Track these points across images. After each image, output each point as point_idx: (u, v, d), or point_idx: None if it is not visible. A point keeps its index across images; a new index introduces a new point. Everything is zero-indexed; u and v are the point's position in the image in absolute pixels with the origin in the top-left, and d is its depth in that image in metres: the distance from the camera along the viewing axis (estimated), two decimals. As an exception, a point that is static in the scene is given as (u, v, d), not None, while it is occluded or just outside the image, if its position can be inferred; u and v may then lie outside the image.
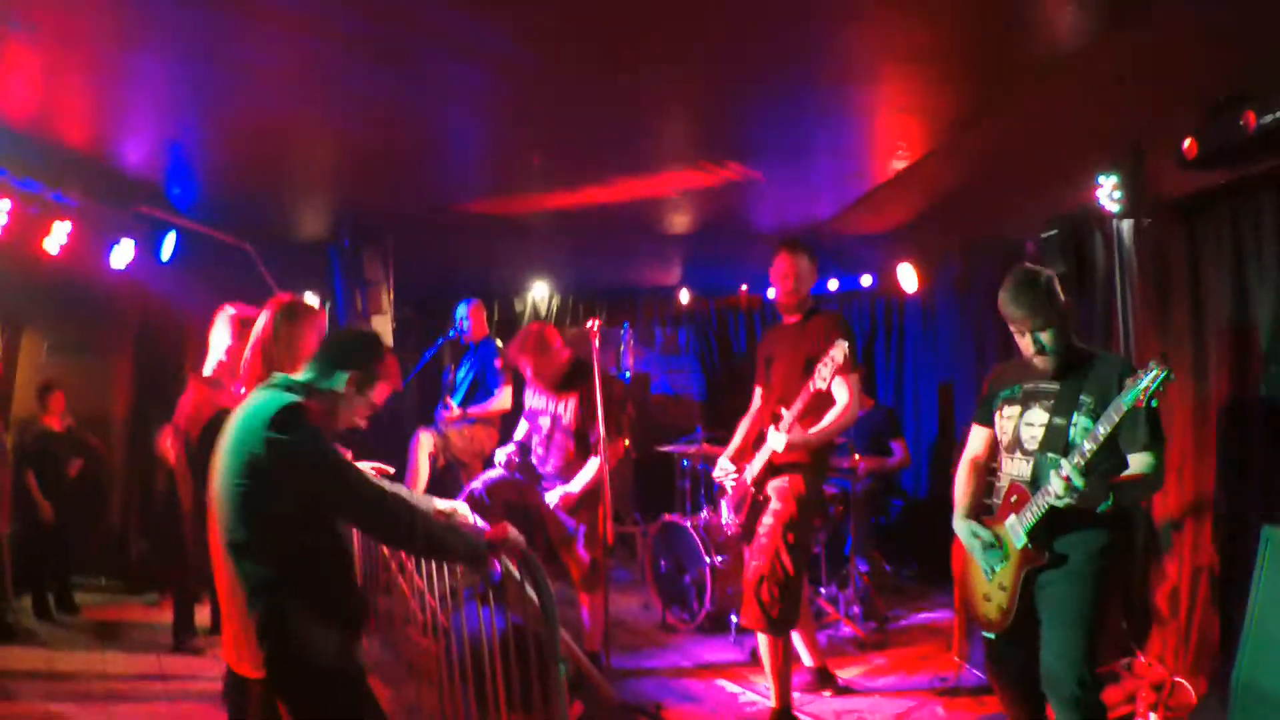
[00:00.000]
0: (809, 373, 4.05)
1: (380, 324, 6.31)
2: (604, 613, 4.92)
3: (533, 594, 3.04)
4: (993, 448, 3.48)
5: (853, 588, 5.99)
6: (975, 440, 3.57)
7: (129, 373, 7.78)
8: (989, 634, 3.37)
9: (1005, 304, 3.16)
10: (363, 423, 2.86)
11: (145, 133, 4.45)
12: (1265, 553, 3.80)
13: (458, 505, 3.52)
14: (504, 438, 5.97)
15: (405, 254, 6.53)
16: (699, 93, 4.08)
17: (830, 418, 4.12)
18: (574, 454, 5.10)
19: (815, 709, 4.63)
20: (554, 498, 4.96)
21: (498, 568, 3.21)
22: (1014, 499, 3.22)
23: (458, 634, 3.88)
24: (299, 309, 3.41)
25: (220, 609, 2.63)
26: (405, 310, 7.96)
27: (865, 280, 8.16)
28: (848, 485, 6.23)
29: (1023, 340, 3.19)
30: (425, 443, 6.37)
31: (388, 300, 6.38)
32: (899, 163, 4.95)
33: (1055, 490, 2.91)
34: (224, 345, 4.14)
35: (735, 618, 5.61)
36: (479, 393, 6.66)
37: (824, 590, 6.11)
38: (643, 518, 8.05)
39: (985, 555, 3.28)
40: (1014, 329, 3.18)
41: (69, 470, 6.68)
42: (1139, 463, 3.04)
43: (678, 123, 4.59)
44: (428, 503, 3.46)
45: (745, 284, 9.34)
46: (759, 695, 4.79)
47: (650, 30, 3.33)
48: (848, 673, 5.10)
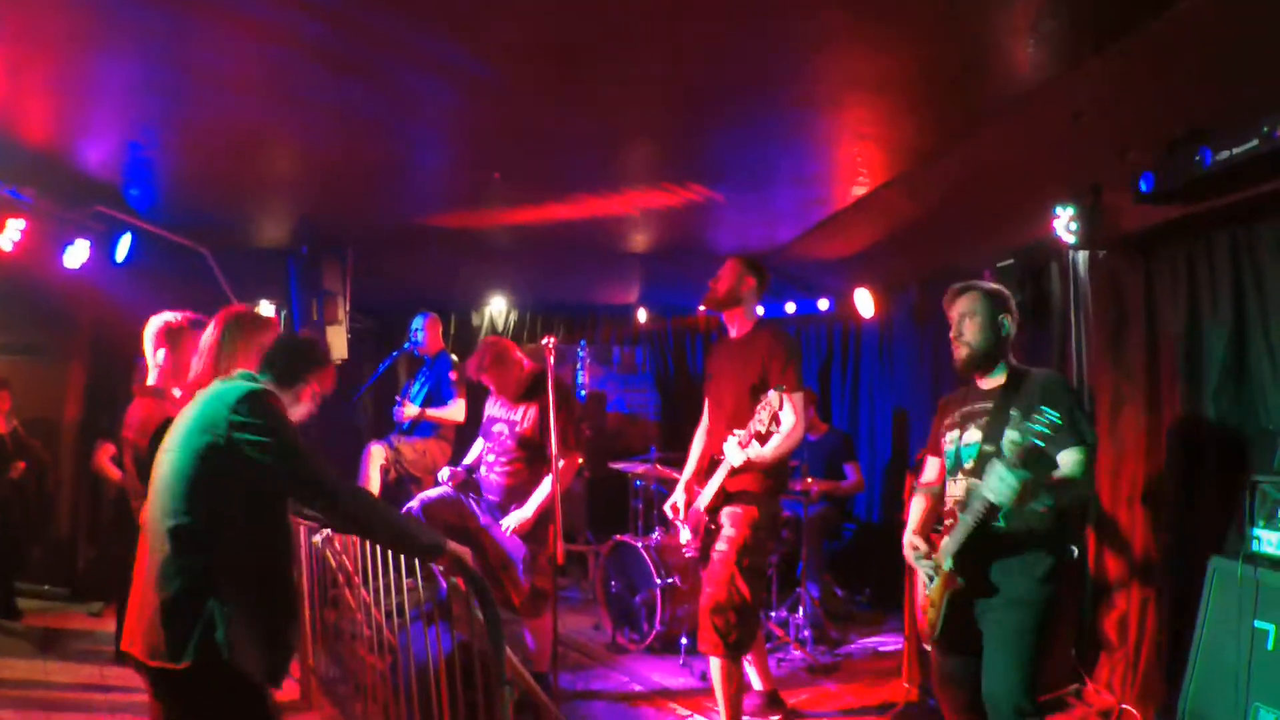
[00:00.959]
0: (754, 398, 4.08)
1: (335, 334, 6.23)
2: (553, 633, 4.86)
3: (479, 613, 3.00)
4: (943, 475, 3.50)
5: (804, 612, 5.98)
6: (929, 470, 3.60)
7: (80, 376, 7.61)
8: (926, 646, 3.45)
9: (949, 296, 3.33)
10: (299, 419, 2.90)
11: (105, 133, 4.36)
12: (1212, 583, 3.87)
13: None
14: (458, 455, 5.91)
15: (364, 265, 6.47)
16: (664, 115, 4.08)
17: (776, 439, 4.11)
18: (524, 468, 5.03)
19: (765, 734, 4.61)
20: (512, 522, 4.89)
21: (444, 584, 3.17)
22: (949, 521, 3.23)
23: (404, 652, 3.83)
24: (247, 320, 3.39)
25: (132, 593, 2.56)
26: (362, 321, 7.87)
27: (823, 304, 8.20)
28: (799, 508, 6.24)
29: (955, 339, 3.30)
30: (377, 455, 6.29)
31: (344, 311, 6.31)
32: (859, 189, 4.99)
33: (991, 488, 2.87)
34: (159, 354, 4.07)
35: (685, 639, 5.58)
36: (433, 405, 6.60)
37: (774, 614, 6.10)
38: (595, 537, 8.00)
39: (922, 564, 3.33)
40: (952, 323, 3.31)
41: (10, 473, 6.51)
42: (1067, 461, 3.03)
43: (641, 143, 4.58)
44: None
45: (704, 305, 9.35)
46: None
47: (617, 53, 3.32)
48: (797, 698, 5.08)
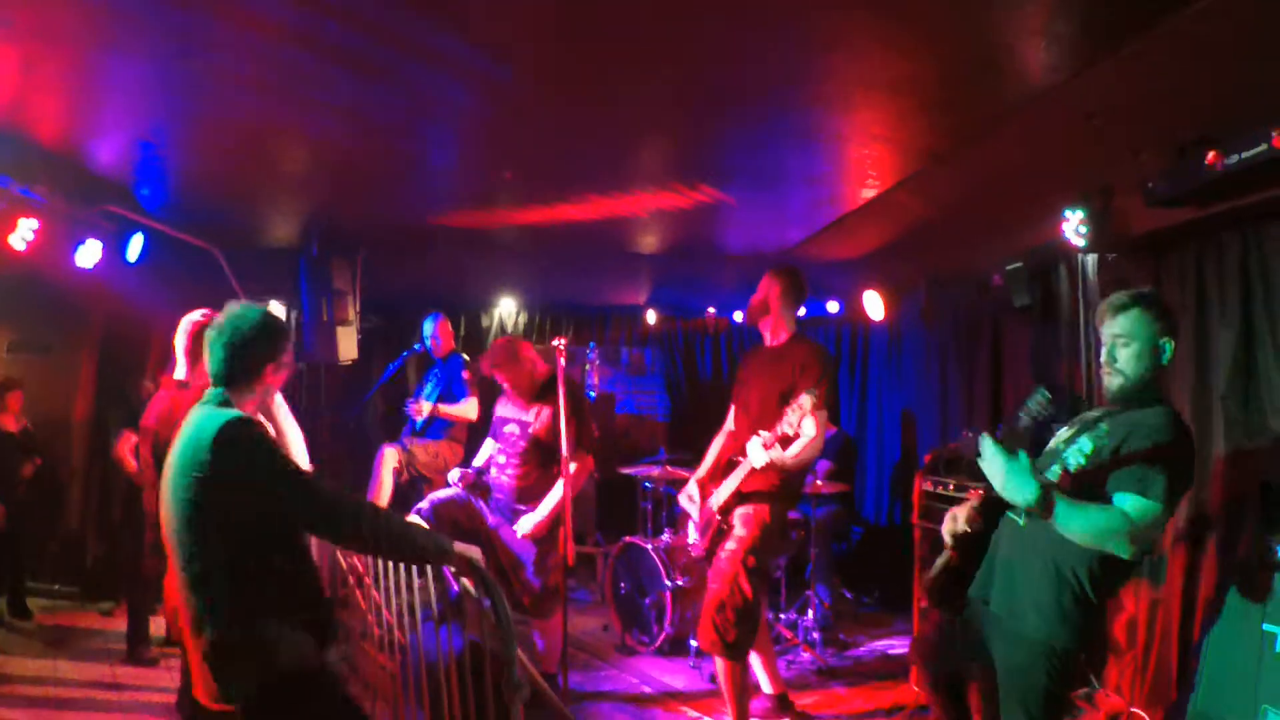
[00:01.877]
0: (783, 405, 4.07)
1: (346, 334, 6.25)
2: (563, 634, 4.87)
3: (490, 613, 3.01)
4: None
5: (812, 614, 5.99)
6: None
7: (91, 375, 7.63)
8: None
9: (1101, 312, 3.00)
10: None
11: (117, 132, 4.38)
12: (1221, 585, 3.86)
13: (413, 518, 3.48)
14: (469, 456, 5.92)
15: (374, 264, 6.48)
16: (674, 116, 4.09)
17: (798, 446, 4.12)
18: (535, 469, 5.02)
19: (773, 735, 4.62)
20: (526, 526, 4.89)
21: (455, 585, 3.17)
22: None
23: (414, 652, 3.84)
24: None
25: (185, 646, 2.58)
26: (371, 321, 7.90)
27: (832, 307, 8.21)
28: (808, 510, 6.24)
29: (1106, 364, 2.96)
30: (390, 458, 6.31)
31: (354, 311, 6.33)
32: (869, 191, 4.99)
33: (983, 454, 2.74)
34: (185, 350, 4.13)
35: (694, 641, 5.59)
36: (446, 404, 6.64)
37: (784, 616, 6.11)
38: (604, 539, 8.02)
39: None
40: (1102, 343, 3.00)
41: (22, 471, 6.54)
42: (1121, 504, 2.69)
43: (652, 145, 4.59)
44: None
45: (713, 306, 9.36)
46: (717, 721, 4.77)
47: (628, 53, 3.33)
48: (807, 701, 5.08)
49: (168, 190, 5.23)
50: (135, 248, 5.34)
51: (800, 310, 4.58)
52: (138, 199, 5.24)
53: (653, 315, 9.32)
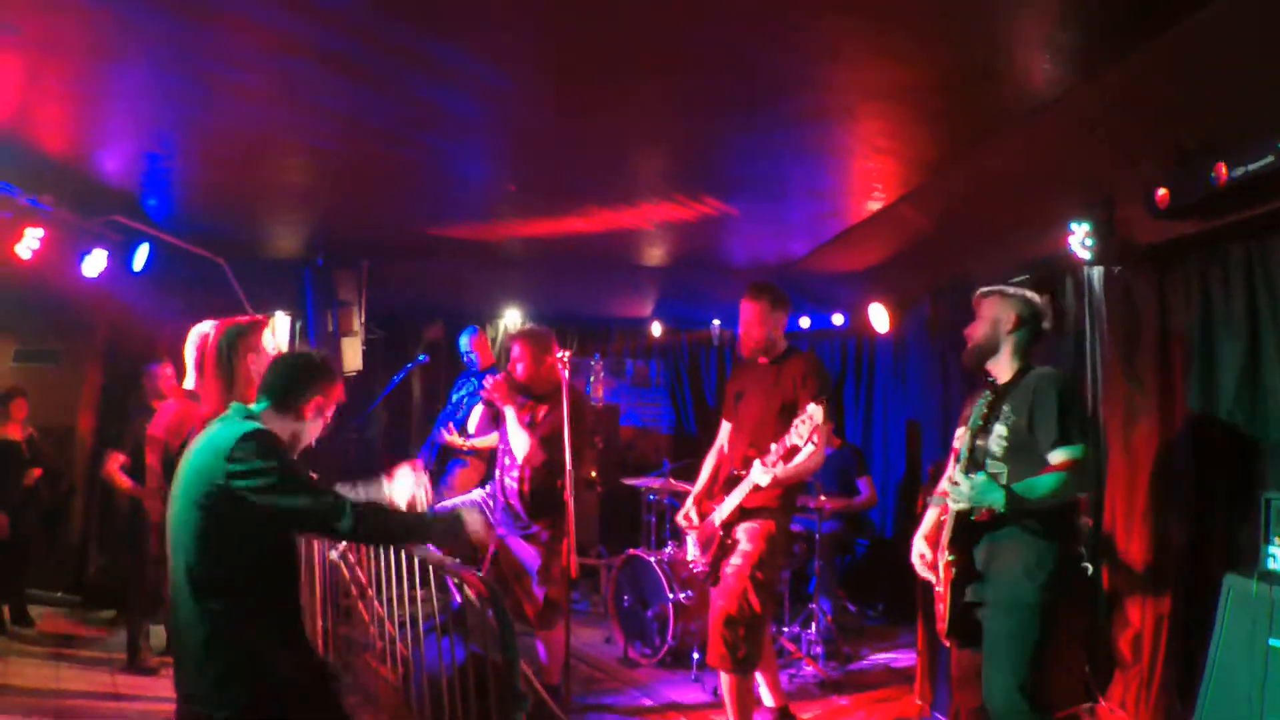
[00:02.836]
0: (784, 418, 4.05)
1: (350, 345, 6.25)
2: (565, 647, 4.84)
3: (493, 624, 3.00)
4: None
5: (816, 627, 5.95)
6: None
7: (96, 384, 7.64)
8: (945, 643, 3.55)
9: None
10: (312, 442, 2.87)
11: (123, 143, 4.41)
12: (1227, 600, 3.83)
13: (404, 479, 3.39)
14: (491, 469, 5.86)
15: (378, 275, 6.50)
16: (677, 128, 4.10)
17: (799, 460, 4.09)
18: (540, 470, 4.90)
19: (776, 749, 4.58)
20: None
21: (458, 596, 3.16)
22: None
23: (417, 664, 3.83)
24: (241, 330, 3.39)
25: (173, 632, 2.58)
26: (375, 332, 7.90)
27: (837, 319, 8.18)
28: (813, 525, 6.21)
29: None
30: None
31: (359, 322, 6.33)
32: (874, 203, 4.99)
33: (950, 495, 3.15)
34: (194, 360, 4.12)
35: (698, 654, 5.56)
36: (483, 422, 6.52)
37: (787, 630, 6.08)
38: (607, 551, 7.99)
39: (923, 569, 3.56)
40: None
41: (26, 480, 6.54)
42: (1054, 460, 3.11)
43: (656, 157, 4.60)
44: (378, 490, 3.35)
45: (718, 318, 9.34)
46: (720, 734, 4.74)
47: (632, 66, 3.35)
48: (809, 714, 5.06)
49: (174, 201, 5.26)
50: (141, 258, 5.36)
51: (804, 321, 4.55)
52: (144, 209, 5.27)
53: (658, 327, 9.30)
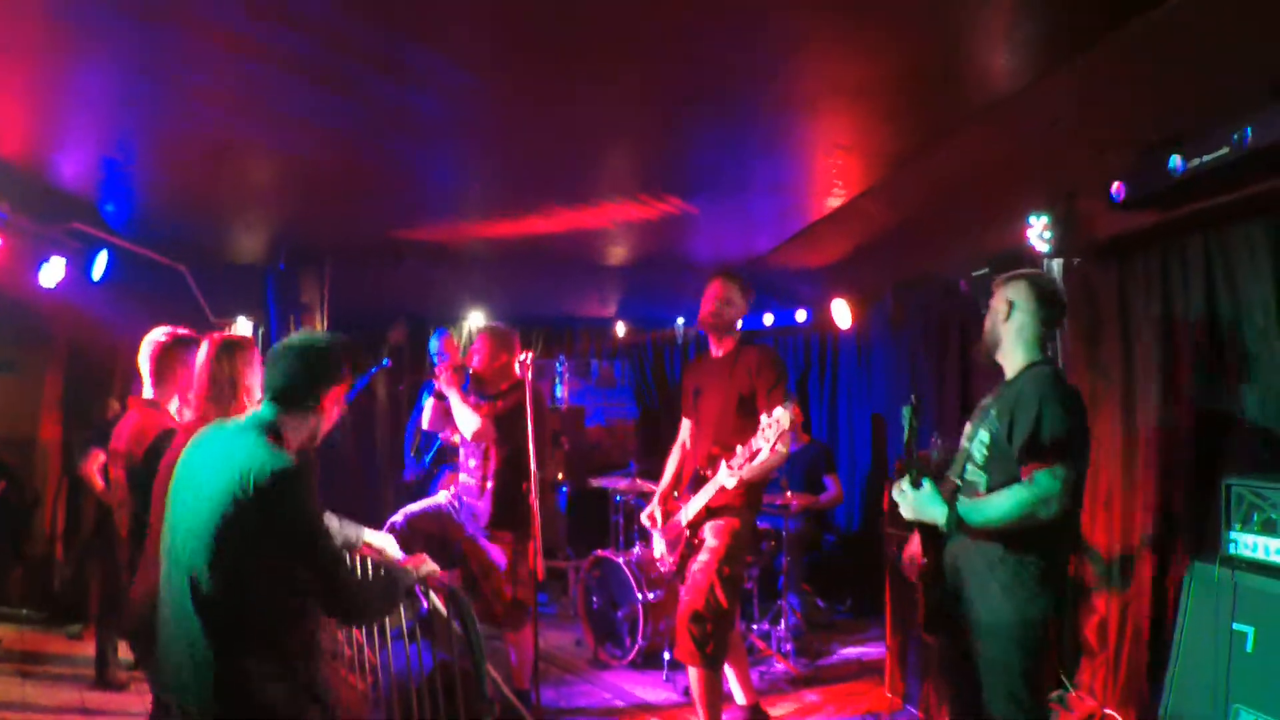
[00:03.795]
0: (743, 410, 4.05)
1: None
2: (534, 649, 4.81)
3: (459, 630, 2.97)
4: None
5: (785, 624, 5.96)
6: None
7: (57, 394, 7.47)
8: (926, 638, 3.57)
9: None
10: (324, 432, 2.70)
11: (82, 147, 4.32)
12: (1190, 586, 3.88)
13: (386, 539, 3.43)
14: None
15: (340, 278, 6.43)
16: (639, 126, 4.08)
17: (761, 458, 4.08)
18: (501, 466, 4.93)
19: (749, 746, 4.58)
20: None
21: (425, 602, 3.12)
22: None
23: (385, 671, 3.78)
24: (237, 344, 3.31)
25: (160, 631, 2.49)
26: (338, 336, 7.81)
27: (800, 316, 8.19)
28: (780, 522, 6.22)
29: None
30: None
31: (322, 325, 6.28)
32: (835, 199, 5.00)
33: (900, 502, 3.12)
34: (150, 370, 4.02)
35: (668, 654, 5.55)
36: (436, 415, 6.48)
37: (756, 627, 6.08)
38: (575, 552, 7.95)
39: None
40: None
41: None
42: (1024, 477, 2.88)
43: (618, 156, 4.58)
44: (358, 533, 3.36)
45: (682, 317, 9.35)
46: (692, 733, 4.73)
47: (592, 63, 3.32)
48: (780, 710, 5.06)
49: (133, 206, 5.17)
50: (100, 265, 5.26)
51: (767, 318, 4.56)
52: (103, 216, 5.17)
53: (622, 328, 9.29)
